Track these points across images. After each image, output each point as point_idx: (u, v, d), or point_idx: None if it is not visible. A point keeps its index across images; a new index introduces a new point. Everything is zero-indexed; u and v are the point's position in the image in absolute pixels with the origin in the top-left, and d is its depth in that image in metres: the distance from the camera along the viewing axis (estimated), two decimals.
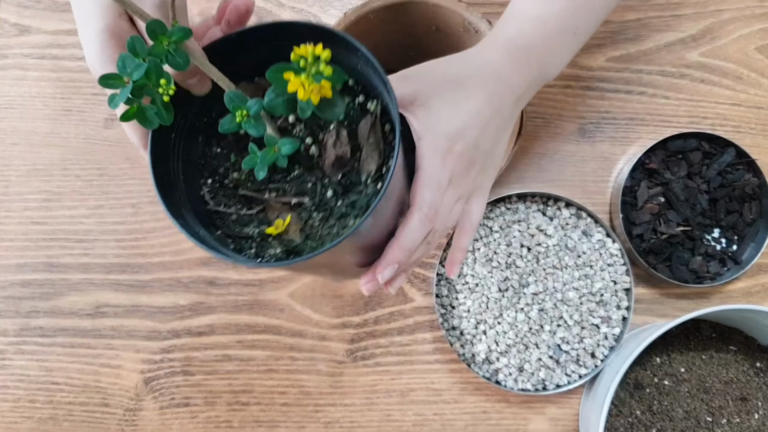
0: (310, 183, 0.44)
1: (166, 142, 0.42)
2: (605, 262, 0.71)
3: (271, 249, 0.43)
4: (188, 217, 0.43)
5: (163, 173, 0.42)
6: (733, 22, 0.75)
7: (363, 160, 0.43)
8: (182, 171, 0.44)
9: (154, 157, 0.40)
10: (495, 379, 0.70)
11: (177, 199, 0.42)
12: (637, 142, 0.75)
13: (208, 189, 0.45)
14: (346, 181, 0.43)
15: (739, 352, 0.70)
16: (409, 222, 0.45)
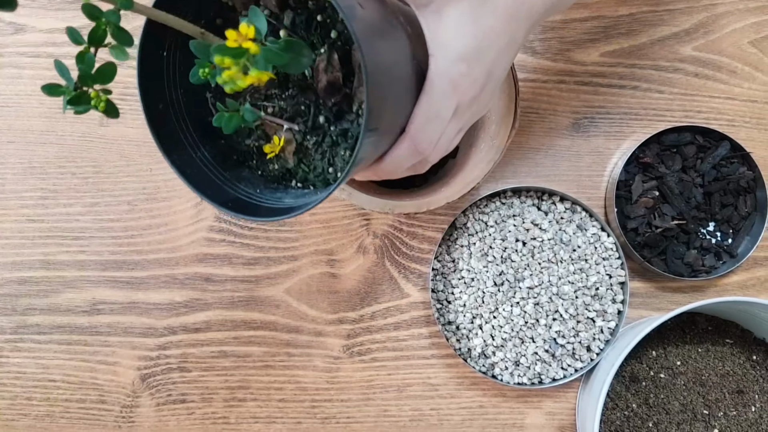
0: (303, 105, 0.42)
1: (157, 64, 0.42)
2: (600, 256, 0.71)
3: (270, 165, 0.43)
4: (189, 144, 0.42)
5: (158, 100, 0.41)
6: (727, 16, 0.75)
7: (356, 88, 0.41)
8: (182, 88, 0.43)
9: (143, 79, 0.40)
10: (491, 374, 0.70)
11: (174, 133, 0.42)
12: (632, 136, 0.75)
13: (211, 95, 0.44)
14: (338, 108, 0.41)
15: (735, 345, 0.70)
16: (397, 149, 0.43)
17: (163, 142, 0.41)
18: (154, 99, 0.41)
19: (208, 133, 0.43)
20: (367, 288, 0.74)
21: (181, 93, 0.43)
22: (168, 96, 0.43)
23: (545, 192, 0.73)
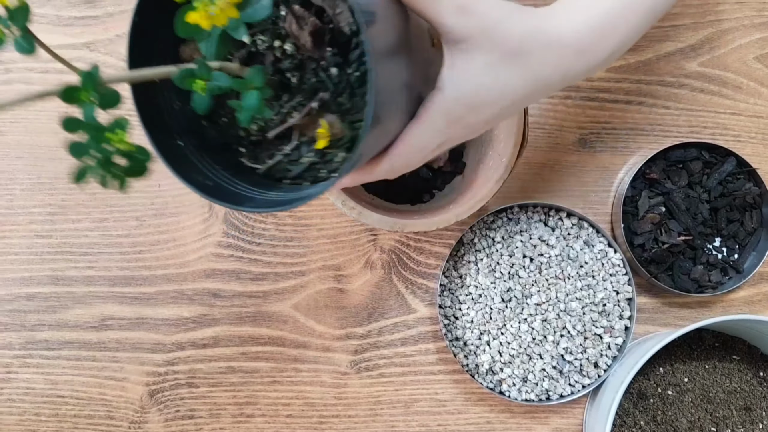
0: (313, 77, 0.41)
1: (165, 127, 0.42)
2: (607, 272, 0.71)
3: (335, 157, 0.42)
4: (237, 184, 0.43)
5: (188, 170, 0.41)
6: (732, 31, 0.76)
7: (335, 16, 0.39)
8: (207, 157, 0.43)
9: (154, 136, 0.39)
10: (499, 390, 0.70)
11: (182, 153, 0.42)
12: (638, 152, 0.75)
13: (245, 152, 0.44)
14: (337, 48, 0.40)
15: (742, 362, 0.70)
16: (375, 167, 0.43)
17: (175, 166, 0.41)
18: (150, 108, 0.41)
19: (265, 185, 0.43)
20: (375, 303, 0.74)
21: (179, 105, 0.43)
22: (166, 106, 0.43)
23: (552, 208, 0.73)
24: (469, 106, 0.43)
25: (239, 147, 0.45)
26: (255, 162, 0.45)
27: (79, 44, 0.76)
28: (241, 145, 0.45)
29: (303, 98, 0.42)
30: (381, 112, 0.37)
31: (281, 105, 0.42)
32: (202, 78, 0.35)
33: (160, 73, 0.36)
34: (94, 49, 0.75)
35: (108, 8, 0.75)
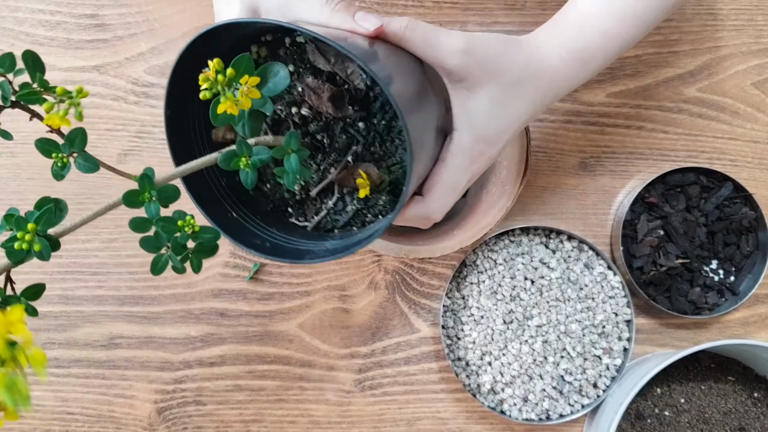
0: (343, 134, 0.44)
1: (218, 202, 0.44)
2: (607, 295, 0.73)
3: (378, 201, 0.45)
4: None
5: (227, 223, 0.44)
6: (730, 58, 0.77)
7: (348, 77, 0.43)
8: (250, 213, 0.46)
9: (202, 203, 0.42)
10: (500, 409, 0.72)
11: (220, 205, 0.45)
12: (637, 175, 0.77)
13: (293, 212, 0.47)
14: (358, 104, 0.44)
15: (737, 383, 0.71)
16: (413, 210, 0.46)
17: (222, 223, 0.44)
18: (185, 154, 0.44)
19: (316, 237, 0.47)
20: (379, 323, 0.76)
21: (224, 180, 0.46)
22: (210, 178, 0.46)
23: (553, 230, 0.75)
24: (485, 140, 0.47)
25: (287, 208, 0.48)
26: (304, 219, 0.48)
27: (89, 67, 0.77)
28: (288, 206, 0.48)
29: (337, 155, 0.45)
30: (416, 153, 0.39)
31: (318, 164, 0.45)
32: (244, 156, 0.38)
33: (206, 162, 0.39)
34: (104, 72, 0.77)
35: (117, 32, 0.77)
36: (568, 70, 0.50)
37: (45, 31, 0.77)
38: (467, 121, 0.46)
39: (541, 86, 0.49)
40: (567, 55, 0.50)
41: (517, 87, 0.48)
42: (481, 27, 0.76)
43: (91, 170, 0.39)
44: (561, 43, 0.51)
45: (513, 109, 0.48)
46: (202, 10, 0.76)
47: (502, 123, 0.47)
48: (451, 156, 0.46)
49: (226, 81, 0.35)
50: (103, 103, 0.77)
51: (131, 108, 0.77)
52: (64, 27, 0.77)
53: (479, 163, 0.48)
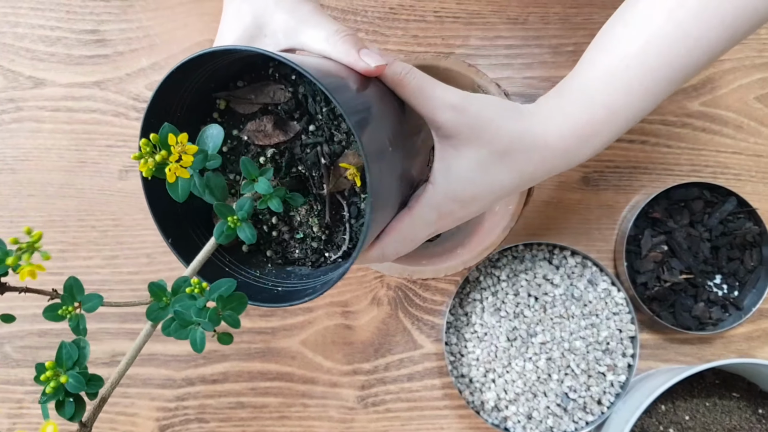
0: (306, 148, 0.46)
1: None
2: (611, 311, 0.73)
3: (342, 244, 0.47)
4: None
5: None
6: (733, 72, 0.77)
7: (271, 95, 0.47)
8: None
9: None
10: (504, 426, 0.72)
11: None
12: (641, 190, 0.77)
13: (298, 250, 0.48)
14: (295, 113, 0.47)
15: (741, 399, 0.71)
16: (368, 253, 0.46)
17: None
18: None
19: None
20: (381, 339, 0.76)
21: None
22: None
23: (556, 246, 0.74)
24: (459, 201, 0.46)
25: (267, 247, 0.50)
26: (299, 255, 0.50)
27: (90, 83, 0.76)
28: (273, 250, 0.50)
29: (315, 169, 0.47)
30: (378, 203, 0.39)
31: (311, 192, 0.48)
32: (230, 217, 0.41)
33: (209, 250, 0.42)
34: (105, 88, 0.76)
35: (118, 47, 0.76)
36: (567, 148, 0.47)
37: (45, 46, 0.76)
38: (444, 178, 0.45)
39: (533, 160, 0.47)
40: (568, 133, 0.47)
41: (505, 156, 0.46)
42: (483, 41, 0.76)
43: (96, 307, 0.41)
44: (564, 120, 0.48)
45: (495, 177, 0.46)
46: (203, 26, 0.76)
47: (480, 188, 0.46)
48: (419, 207, 0.45)
49: (160, 158, 0.37)
50: (103, 119, 0.76)
51: (132, 124, 0.76)
52: (65, 42, 0.76)
53: (445, 221, 0.47)
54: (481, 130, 0.45)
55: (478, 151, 0.45)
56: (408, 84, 0.44)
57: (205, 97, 0.47)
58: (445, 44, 0.76)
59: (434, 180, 0.45)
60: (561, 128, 0.47)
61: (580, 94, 0.48)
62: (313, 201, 0.47)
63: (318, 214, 0.47)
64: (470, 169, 0.45)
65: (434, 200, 0.45)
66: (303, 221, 0.47)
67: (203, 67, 0.44)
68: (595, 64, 0.48)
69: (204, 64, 0.43)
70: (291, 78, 0.48)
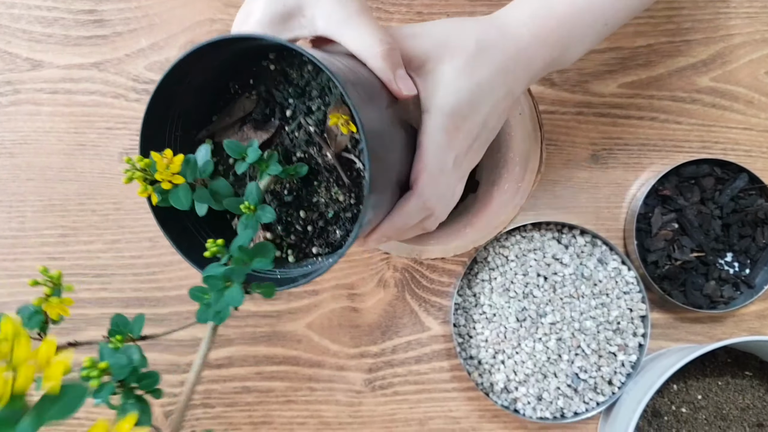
0: (296, 130, 0.47)
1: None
2: (621, 290, 0.71)
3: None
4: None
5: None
6: (743, 46, 0.76)
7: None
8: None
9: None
10: (513, 408, 0.71)
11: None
12: (650, 167, 0.75)
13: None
14: (268, 98, 0.48)
15: (754, 377, 0.70)
16: (406, 205, 0.45)
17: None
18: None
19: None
20: (388, 322, 0.75)
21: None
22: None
23: (565, 225, 0.73)
24: (458, 112, 0.45)
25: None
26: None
27: (88, 64, 0.75)
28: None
29: (309, 142, 0.47)
30: (376, 153, 0.39)
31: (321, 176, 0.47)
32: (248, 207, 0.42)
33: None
34: (104, 69, 0.75)
35: (117, 27, 0.75)
36: (534, 36, 0.48)
37: (42, 27, 0.75)
38: (433, 101, 0.45)
39: (508, 52, 0.47)
40: (530, 21, 0.48)
41: (479, 55, 0.46)
42: None
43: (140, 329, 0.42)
44: (522, 11, 0.49)
45: (480, 78, 0.46)
46: (204, 5, 0.74)
47: (470, 92, 0.45)
48: (425, 137, 0.45)
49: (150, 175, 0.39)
50: (103, 101, 0.75)
51: (132, 106, 0.75)
52: (62, 23, 0.75)
53: (458, 138, 0.46)
54: (447, 42, 0.45)
55: (452, 62, 0.45)
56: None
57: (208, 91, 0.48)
58: None
59: (427, 107, 0.45)
60: (523, 19, 0.48)
61: None
62: (328, 177, 0.46)
63: (337, 182, 0.45)
64: (452, 80, 0.45)
65: (434, 124, 0.45)
66: (327, 200, 0.46)
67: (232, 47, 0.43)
68: None
69: (230, 46, 0.43)
70: (268, 58, 0.48)
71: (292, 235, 0.48)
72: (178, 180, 0.39)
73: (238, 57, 0.46)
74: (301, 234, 0.48)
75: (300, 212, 0.47)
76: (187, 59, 0.40)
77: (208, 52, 0.40)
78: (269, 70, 0.48)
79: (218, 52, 0.42)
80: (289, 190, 0.47)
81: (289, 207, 0.47)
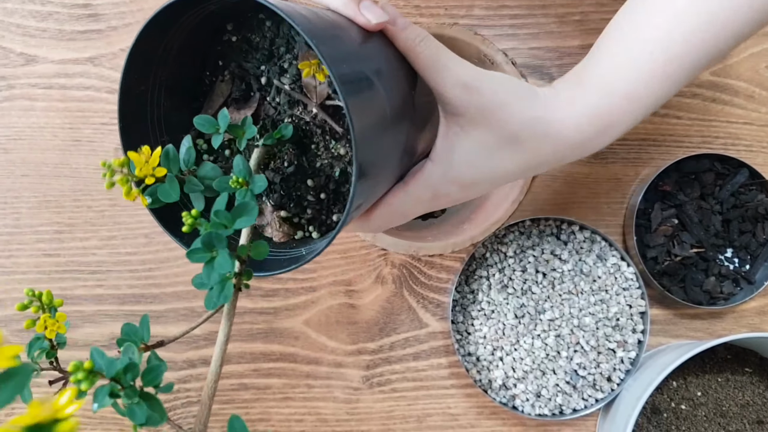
0: (267, 85, 0.47)
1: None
2: (620, 286, 0.71)
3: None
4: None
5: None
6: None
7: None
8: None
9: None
10: (512, 405, 0.70)
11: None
12: (650, 162, 0.75)
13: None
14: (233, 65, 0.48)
15: (754, 374, 0.70)
16: (361, 222, 0.44)
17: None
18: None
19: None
20: (386, 318, 0.74)
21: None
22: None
23: (564, 221, 0.73)
24: (458, 183, 0.44)
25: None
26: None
27: (83, 59, 0.74)
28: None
29: (288, 102, 0.46)
30: (369, 171, 0.37)
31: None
32: (239, 181, 0.41)
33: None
34: (99, 64, 0.74)
35: (111, 22, 0.74)
36: (583, 139, 0.45)
37: (36, 22, 0.74)
38: (446, 158, 0.43)
39: (543, 150, 0.44)
40: (586, 123, 0.44)
41: (514, 143, 0.43)
42: (487, 11, 0.73)
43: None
44: (582, 110, 0.44)
45: (500, 163, 0.44)
46: None
47: (481, 172, 0.44)
48: (414, 184, 0.43)
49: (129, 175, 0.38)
50: (98, 96, 0.74)
51: None
52: (56, 18, 0.74)
53: (440, 201, 0.44)
54: (491, 112, 0.42)
55: (485, 134, 0.42)
56: (421, 53, 0.41)
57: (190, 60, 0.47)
58: (449, 14, 0.73)
59: (435, 158, 0.43)
60: (579, 119, 0.44)
61: (599, 80, 0.45)
62: (321, 134, 0.45)
63: (333, 136, 0.45)
64: (474, 152, 0.43)
65: (432, 180, 0.43)
66: (330, 159, 0.45)
67: (197, 10, 0.43)
68: (616, 51, 0.45)
69: (196, 6, 0.42)
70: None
71: (308, 209, 0.47)
72: (160, 172, 0.38)
73: (199, 36, 0.46)
74: (317, 205, 0.46)
75: (307, 182, 0.46)
76: (141, 43, 0.41)
77: (162, 25, 0.40)
78: (233, 43, 0.47)
79: (175, 24, 0.42)
80: (289, 162, 0.46)
81: (294, 180, 0.46)
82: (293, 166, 0.46)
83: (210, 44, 0.48)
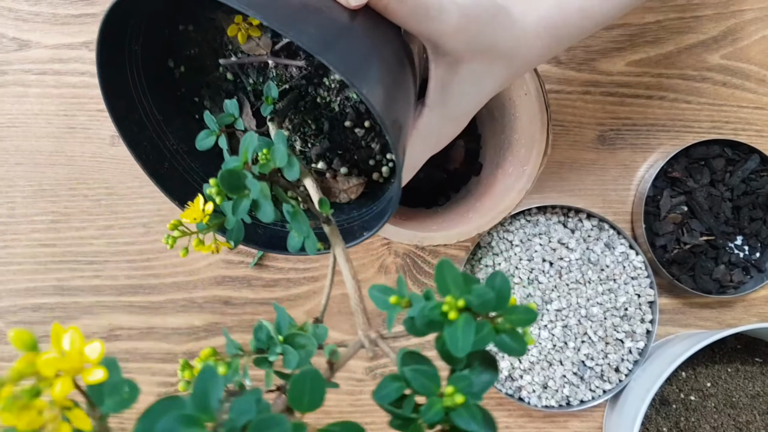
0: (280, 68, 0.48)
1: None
2: (629, 276, 0.69)
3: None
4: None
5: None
6: (755, 22, 0.73)
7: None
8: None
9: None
10: (518, 396, 0.69)
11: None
12: (659, 148, 0.73)
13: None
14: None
15: (764, 364, 0.69)
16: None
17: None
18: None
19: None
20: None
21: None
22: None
23: (571, 209, 0.71)
24: (456, 120, 0.45)
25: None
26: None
27: (77, 44, 0.72)
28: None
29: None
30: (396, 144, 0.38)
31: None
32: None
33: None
34: (93, 49, 0.72)
35: (105, 5, 0.72)
36: (542, 47, 0.46)
37: (29, 6, 0.72)
38: (441, 100, 0.43)
39: (514, 63, 0.45)
40: (544, 32, 0.46)
41: (494, 64, 0.44)
42: None
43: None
44: (540, 19, 0.46)
45: (485, 86, 0.44)
46: None
47: (471, 102, 0.44)
48: (418, 134, 0.43)
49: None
50: (93, 82, 0.72)
51: None
52: (49, 1, 0.72)
53: (443, 142, 0.45)
54: (479, 45, 0.42)
55: (473, 66, 0.42)
56: (395, 10, 0.39)
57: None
58: None
59: (430, 103, 0.43)
60: (538, 30, 0.46)
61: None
62: (314, 84, 0.47)
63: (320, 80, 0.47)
64: (464, 85, 0.43)
65: (432, 125, 0.44)
66: (342, 99, 0.48)
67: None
68: None
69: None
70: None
71: (355, 154, 0.49)
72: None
73: (159, 25, 0.46)
74: (362, 141, 0.49)
75: (345, 123, 0.48)
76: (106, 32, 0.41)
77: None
78: (189, 33, 0.48)
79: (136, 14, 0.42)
80: (317, 128, 0.49)
81: (328, 137, 0.49)
82: (325, 123, 0.48)
83: (170, 34, 0.48)
